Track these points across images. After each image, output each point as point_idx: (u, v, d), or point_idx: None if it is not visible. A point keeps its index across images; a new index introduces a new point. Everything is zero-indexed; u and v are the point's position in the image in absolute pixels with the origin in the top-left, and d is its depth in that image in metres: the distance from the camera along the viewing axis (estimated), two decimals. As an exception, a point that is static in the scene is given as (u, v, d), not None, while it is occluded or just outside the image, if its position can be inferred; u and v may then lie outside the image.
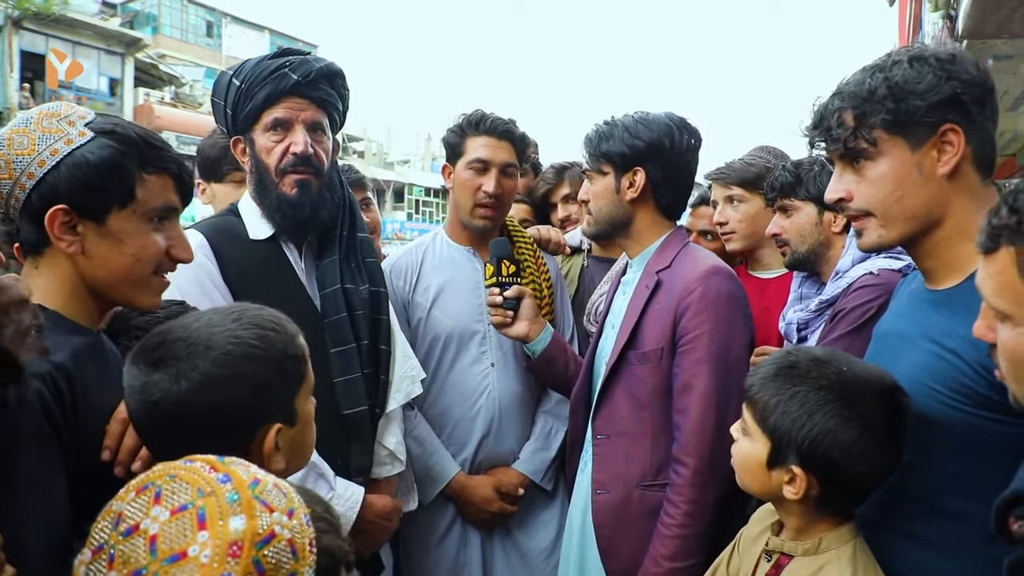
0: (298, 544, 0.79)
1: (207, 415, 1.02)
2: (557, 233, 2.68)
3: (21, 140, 1.11)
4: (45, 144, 1.11)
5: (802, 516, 1.24)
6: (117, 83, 23.51)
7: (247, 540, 0.75)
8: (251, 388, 1.04)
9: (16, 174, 1.10)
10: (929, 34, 6.65)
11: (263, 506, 0.78)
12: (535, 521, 2.27)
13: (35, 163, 1.10)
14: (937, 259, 1.25)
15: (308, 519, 0.82)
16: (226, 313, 1.10)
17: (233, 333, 1.05)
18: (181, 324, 1.09)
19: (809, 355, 1.25)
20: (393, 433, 1.91)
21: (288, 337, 1.11)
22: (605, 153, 1.88)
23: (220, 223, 1.82)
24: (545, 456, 2.25)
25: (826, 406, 1.16)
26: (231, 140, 1.83)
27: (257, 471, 0.84)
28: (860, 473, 1.17)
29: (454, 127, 2.27)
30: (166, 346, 1.05)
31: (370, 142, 33.78)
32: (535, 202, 3.04)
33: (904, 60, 1.20)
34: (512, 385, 2.24)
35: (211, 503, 0.77)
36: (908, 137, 1.20)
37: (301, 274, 1.82)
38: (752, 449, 1.25)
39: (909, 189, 1.22)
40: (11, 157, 1.10)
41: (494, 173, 2.19)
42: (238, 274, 1.71)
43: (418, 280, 2.26)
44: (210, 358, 1.03)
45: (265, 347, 1.06)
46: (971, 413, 1.13)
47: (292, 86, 1.73)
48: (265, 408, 1.07)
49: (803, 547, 1.24)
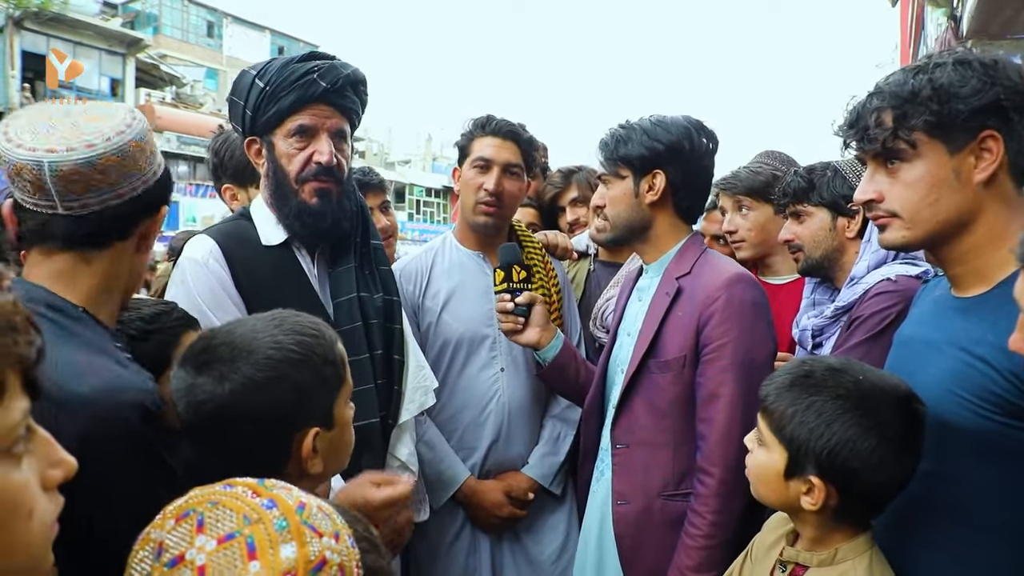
0: (347, 568, 0.77)
1: (248, 417, 1.05)
2: (564, 238, 2.67)
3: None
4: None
5: (818, 526, 1.23)
6: (118, 83, 23.51)
7: (300, 568, 0.73)
8: (291, 392, 1.07)
9: (148, 172, 1.20)
10: (932, 35, 6.65)
11: (312, 532, 0.76)
12: (544, 526, 2.26)
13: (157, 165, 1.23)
14: (966, 266, 1.23)
15: (352, 540, 0.80)
16: (268, 319, 1.14)
17: (274, 338, 1.09)
18: (226, 329, 1.14)
19: (824, 364, 1.24)
20: (405, 444, 1.89)
21: (327, 343, 1.14)
22: (624, 156, 1.84)
23: (232, 228, 1.78)
24: (554, 461, 2.25)
25: (844, 415, 1.15)
26: (245, 140, 1.79)
27: (300, 494, 0.82)
28: (879, 482, 1.16)
29: (464, 131, 2.27)
30: (211, 350, 1.09)
31: (371, 142, 33.79)
32: (543, 206, 3.03)
33: (948, 63, 1.18)
34: (522, 390, 2.23)
35: (259, 531, 0.74)
36: (947, 141, 1.18)
37: (314, 281, 1.79)
38: (768, 460, 1.23)
39: (944, 193, 1.19)
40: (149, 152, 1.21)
41: (496, 171, 2.18)
42: (251, 281, 1.69)
43: (428, 285, 2.25)
44: (252, 362, 1.06)
45: (304, 352, 1.09)
46: (999, 422, 1.11)
47: (320, 93, 1.69)
48: (304, 412, 1.10)
49: (819, 558, 1.22)
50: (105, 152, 1.11)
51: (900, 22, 9.41)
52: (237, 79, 1.75)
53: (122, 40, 23.29)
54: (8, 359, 0.63)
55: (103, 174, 1.11)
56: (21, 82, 20.26)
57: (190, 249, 1.71)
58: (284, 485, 0.84)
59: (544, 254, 2.39)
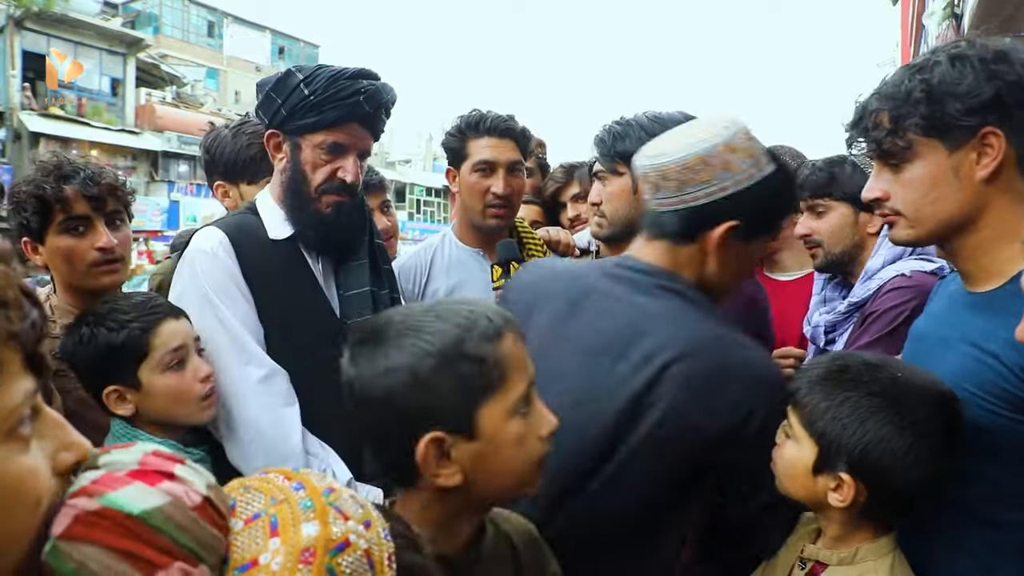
0: (375, 556, 0.74)
1: (368, 405, 0.96)
2: (567, 235, 2.66)
3: None
4: None
5: (843, 524, 1.20)
6: (119, 83, 23.55)
7: (320, 546, 0.71)
8: (407, 385, 0.93)
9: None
10: (933, 33, 6.64)
11: (338, 513, 0.74)
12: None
13: None
14: (976, 262, 1.21)
15: (387, 533, 0.78)
16: (427, 306, 1.02)
17: (426, 326, 0.96)
18: (401, 311, 1.02)
19: (860, 359, 1.20)
20: None
21: (476, 337, 0.96)
22: (622, 153, 1.83)
23: (240, 222, 1.78)
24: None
25: (878, 413, 1.11)
26: (267, 132, 1.77)
27: (333, 481, 0.80)
28: (912, 481, 1.12)
29: (453, 130, 2.23)
30: (383, 328, 0.98)
31: (371, 142, 33.75)
32: (545, 202, 3.03)
33: (944, 60, 1.16)
34: (522, 387, 2.21)
35: (284, 510, 0.74)
36: (945, 139, 1.16)
37: (319, 276, 1.80)
38: (797, 453, 1.19)
39: (944, 192, 1.18)
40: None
41: (501, 174, 2.16)
42: (259, 273, 1.69)
43: (427, 282, 2.25)
44: (398, 345, 0.94)
45: (437, 343, 0.94)
46: (1010, 418, 1.10)
47: (360, 115, 1.71)
48: (424, 412, 0.94)
49: (839, 555, 1.19)
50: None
51: (901, 21, 9.41)
52: (282, 78, 1.74)
53: (123, 40, 23.32)
54: (0, 334, 0.58)
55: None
56: (22, 82, 20.29)
57: (199, 240, 1.71)
58: (318, 473, 0.82)
59: (546, 251, 2.39)
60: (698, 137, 1.24)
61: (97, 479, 0.67)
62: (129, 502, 0.66)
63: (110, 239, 1.64)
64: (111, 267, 1.67)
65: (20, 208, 1.61)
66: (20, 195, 1.60)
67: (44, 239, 1.62)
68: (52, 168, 1.61)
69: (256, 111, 1.84)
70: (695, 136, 1.25)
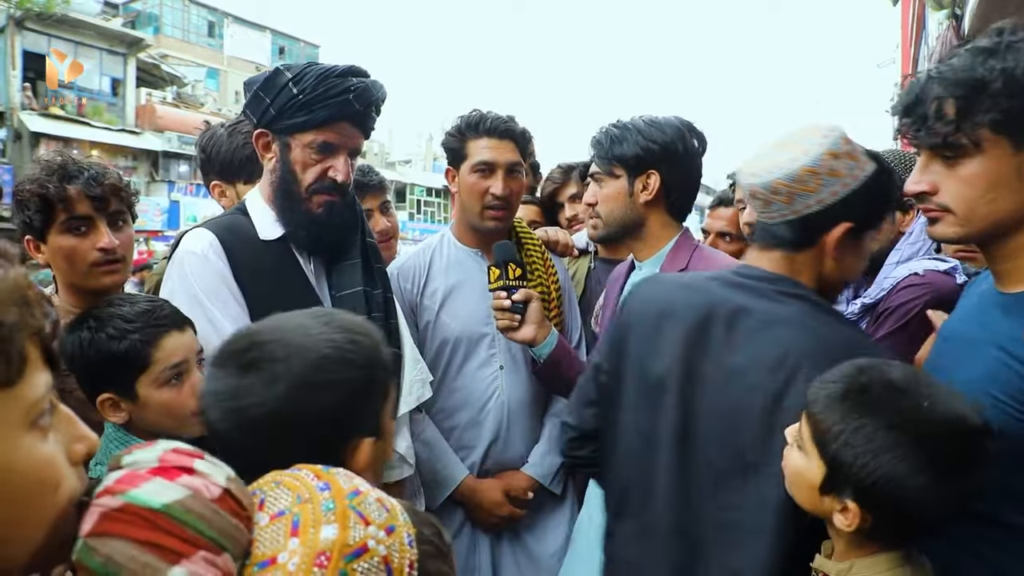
0: (395, 564, 0.74)
1: (300, 423, 0.93)
2: (565, 235, 2.66)
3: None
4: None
5: (849, 541, 1.16)
6: (119, 83, 23.52)
7: (336, 551, 0.72)
8: (346, 396, 0.96)
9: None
10: (933, 33, 6.63)
11: (358, 517, 0.75)
12: (545, 525, 2.25)
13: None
14: (1014, 262, 1.16)
15: (411, 539, 0.77)
16: (314, 316, 1.04)
17: (329, 337, 0.98)
18: (271, 326, 1.01)
19: (886, 379, 1.08)
20: (404, 437, 1.91)
21: (375, 344, 1.03)
22: (619, 156, 1.87)
23: (230, 222, 1.78)
24: (554, 459, 2.23)
25: (896, 449, 1.02)
26: (256, 131, 1.77)
27: (361, 483, 0.80)
28: (922, 517, 1.06)
29: (452, 130, 2.23)
30: (258, 347, 0.96)
31: (372, 142, 33.76)
32: (543, 202, 3.04)
33: (1021, 43, 1.05)
34: (521, 388, 2.22)
35: (306, 510, 0.75)
36: (1015, 137, 1.07)
37: (310, 276, 1.80)
38: (806, 466, 1.14)
39: (1003, 192, 1.10)
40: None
41: (500, 175, 2.16)
42: (250, 274, 1.69)
43: (426, 283, 2.24)
44: (306, 361, 0.94)
45: (358, 353, 0.98)
46: None
47: (351, 113, 1.71)
48: (356, 419, 0.98)
49: (837, 568, 1.16)
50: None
51: (901, 21, 9.40)
52: (270, 76, 1.73)
53: (123, 40, 23.29)
54: (27, 330, 0.63)
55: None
56: (22, 82, 20.28)
57: (188, 242, 1.71)
58: (348, 473, 0.82)
59: (544, 251, 2.38)
60: (801, 149, 1.28)
61: (120, 478, 0.72)
62: (150, 497, 0.69)
63: (111, 239, 1.64)
64: (112, 267, 1.66)
65: (23, 206, 1.60)
66: (23, 193, 1.60)
67: (46, 238, 1.62)
68: (56, 167, 1.60)
69: (244, 110, 1.83)
70: (798, 149, 1.29)
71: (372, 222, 2.59)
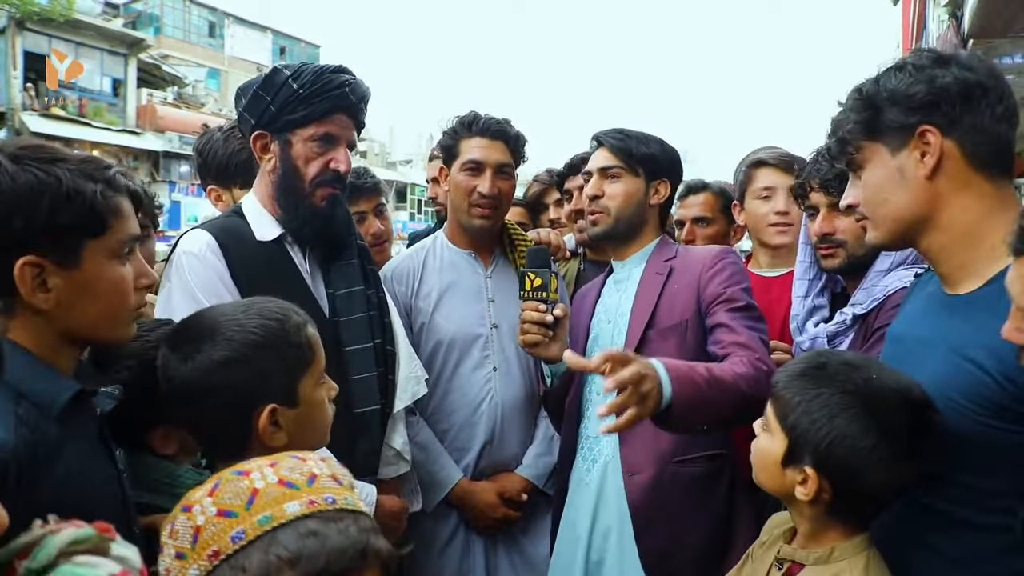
0: (202, 536, 0.83)
1: (209, 393, 1.16)
2: (557, 236, 2.66)
3: None
4: None
5: (813, 520, 1.22)
6: (120, 84, 23.55)
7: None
8: (248, 371, 1.17)
9: None
10: (934, 33, 6.62)
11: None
12: (539, 526, 2.23)
13: None
14: (948, 263, 1.23)
15: (240, 533, 0.83)
16: (240, 304, 1.26)
17: (237, 321, 1.19)
18: (203, 313, 1.26)
19: (841, 358, 1.23)
20: (400, 433, 1.93)
21: (293, 326, 1.23)
22: (645, 156, 1.96)
23: (226, 224, 1.81)
24: (548, 461, 2.23)
25: (848, 411, 1.14)
26: (254, 133, 1.79)
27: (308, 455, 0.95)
28: (876, 482, 1.15)
29: (448, 130, 2.25)
30: (185, 331, 1.23)
31: (372, 142, 33.77)
32: (528, 204, 3.07)
33: (882, 71, 1.25)
34: (515, 390, 2.22)
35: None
36: (885, 142, 1.23)
37: (306, 276, 1.82)
38: (770, 445, 1.23)
39: (892, 192, 1.24)
40: None
41: (488, 174, 2.16)
42: (246, 275, 1.71)
43: (420, 285, 2.24)
44: (213, 342, 1.17)
45: (264, 335, 1.19)
46: (990, 425, 1.10)
47: (349, 105, 1.78)
48: (262, 390, 1.18)
49: (814, 555, 1.21)
50: None
51: (902, 21, 9.39)
52: (269, 75, 1.79)
53: (124, 40, 23.32)
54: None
55: None
56: (23, 83, 20.30)
57: (186, 243, 1.73)
58: (300, 455, 0.95)
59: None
60: None
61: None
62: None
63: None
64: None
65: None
66: None
67: None
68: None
69: (240, 115, 1.85)
70: None
71: (367, 225, 2.59)
